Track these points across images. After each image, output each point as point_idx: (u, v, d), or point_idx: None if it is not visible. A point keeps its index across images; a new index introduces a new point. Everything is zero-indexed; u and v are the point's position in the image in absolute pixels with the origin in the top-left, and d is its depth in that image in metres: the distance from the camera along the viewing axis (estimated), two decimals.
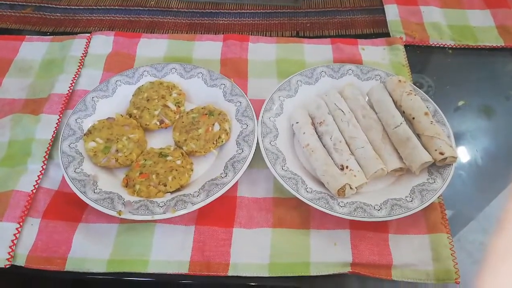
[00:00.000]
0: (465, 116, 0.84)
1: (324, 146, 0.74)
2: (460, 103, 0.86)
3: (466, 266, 0.64)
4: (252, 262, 0.65)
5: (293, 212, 0.70)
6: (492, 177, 0.76)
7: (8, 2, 1.06)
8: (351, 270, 0.64)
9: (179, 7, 1.06)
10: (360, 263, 0.65)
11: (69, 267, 0.64)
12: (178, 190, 0.71)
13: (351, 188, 0.68)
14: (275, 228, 0.68)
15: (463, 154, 0.79)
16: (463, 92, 0.88)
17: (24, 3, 1.06)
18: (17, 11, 1.04)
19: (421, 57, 0.94)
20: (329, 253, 0.66)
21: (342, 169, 0.70)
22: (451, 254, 0.65)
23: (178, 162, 0.73)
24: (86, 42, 0.94)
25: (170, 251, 0.66)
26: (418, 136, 0.73)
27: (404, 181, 0.71)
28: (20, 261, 0.65)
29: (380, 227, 0.68)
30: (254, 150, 0.73)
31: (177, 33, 0.99)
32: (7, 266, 0.64)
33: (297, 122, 0.77)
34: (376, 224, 0.68)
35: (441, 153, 0.69)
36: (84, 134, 0.76)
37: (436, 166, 0.71)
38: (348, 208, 0.66)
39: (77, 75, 0.88)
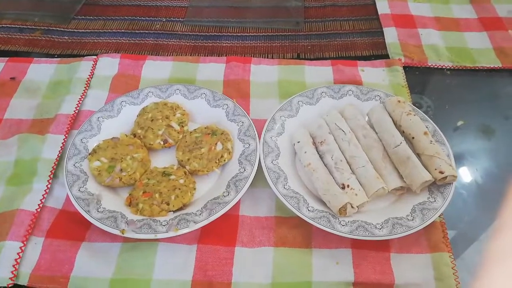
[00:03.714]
0: (464, 136, 0.85)
1: (325, 165, 0.75)
2: (459, 123, 0.87)
3: (468, 285, 0.64)
4: (254, 282, 0.65)
5: (295, 231, 0.70)
6: (492, 196, 0.76)
7: (18, 26, 1.09)
8: None
9: (183, 30, 1.09)
10: (362, 282, 0.64)
11: (72, 286, 0.64)
12: (181, 209, 0.71)
13: (352, 207, 0.68)
14: (277, 247, 0.69)
15: (464, 174, 0.79)
16: (462, 112, 0.89)
17: (33, 27, 1.09)
18: (26, 34, 1.07)
19: (420, 78, 0.96)
20: (331, 272, 0.66)
21: (343, 188, 0.71)
22: (453, 273, 0.65)
23: (181, 181, 0.73)
24: (93, 64, 0.96)
25: (173, 271, 0.66)
26: (418, 155, 0.74)
27: (405, 200, 0.72)
28: (23, 280, 0.65)
29: (381, 246, 0.68)
30: (256, 169, 0.73)
31: (181, 55, 1.02)
32: (9, 285, 0.64)
33: (298, 142, 0.78)
34: (377, 243, 0.68)
35: (441, 172, 0.70)
36: (89, 154, 0.77)
37: (437, 185, 0.71)
38: (349, 227, 0.66)
39: (83, 96, 0.89)
